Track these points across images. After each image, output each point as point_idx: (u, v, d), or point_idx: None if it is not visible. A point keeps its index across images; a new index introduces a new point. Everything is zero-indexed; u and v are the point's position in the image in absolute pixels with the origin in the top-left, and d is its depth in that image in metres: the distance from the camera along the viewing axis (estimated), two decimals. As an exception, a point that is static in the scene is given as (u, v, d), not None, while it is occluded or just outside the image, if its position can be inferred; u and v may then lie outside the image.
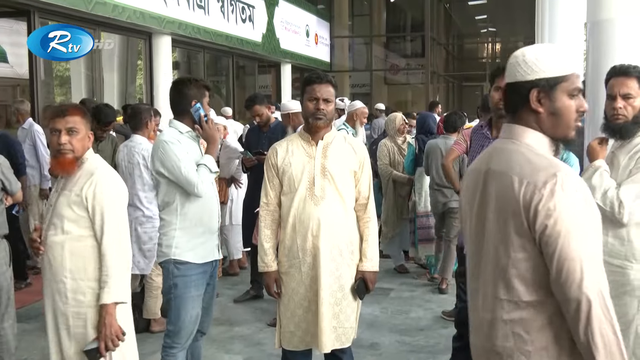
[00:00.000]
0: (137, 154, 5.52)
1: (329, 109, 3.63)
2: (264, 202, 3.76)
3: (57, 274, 3.17)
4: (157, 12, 10.56)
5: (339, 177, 3.63)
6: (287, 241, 3.68)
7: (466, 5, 32.69)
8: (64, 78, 13.50)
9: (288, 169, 3.66)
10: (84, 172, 3.21)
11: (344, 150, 3.69)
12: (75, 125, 3.19)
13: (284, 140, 3.83)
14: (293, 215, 3.63)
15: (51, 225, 3.21)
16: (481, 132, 4.04)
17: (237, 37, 13.75)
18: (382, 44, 26.83)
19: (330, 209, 3.61)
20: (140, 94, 13.47)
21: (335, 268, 3.62)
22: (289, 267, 3.68)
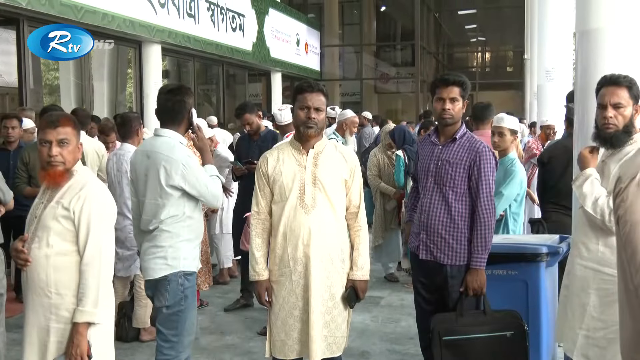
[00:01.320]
0: (126, 162, 5.49)
1: (320, 118, 3.63)
2: (255, 211, 3.74)
3: (42, 288, 3.08)
4: (147, 21, 10.56)
5: (330, 185, 3.63)
6: (277, 250, 3.67)
7: (456, 15, 32.89)
8: (53, 87, 13.46)
9: (279, 178, 3.65)
10: (73, 185, 3.12)
11: (335, 159, 3.69)
12: (67, 136, 3.11)
13: (274, 149, 3.82)
14: (284, 223, 3.62)
15: (35, 238, 3.11)
16: (429, 139, 4.09)
17: (227, 46, 13.77)
18: (372, 52, 26.93)
19: (321, 217, 3.61)
20: (130, 103, 13.44)
21: (326, 277, 3.62)
22: (279, 276, 3.66)
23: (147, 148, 3.90)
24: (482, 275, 3.81)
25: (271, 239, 3.74)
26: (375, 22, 27.79)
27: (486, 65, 34.97)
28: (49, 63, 13.02)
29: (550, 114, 9.84)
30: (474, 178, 3.83)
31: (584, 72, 4.41)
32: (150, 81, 11.49)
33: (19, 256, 3.12)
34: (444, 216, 3.90)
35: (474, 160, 3.84)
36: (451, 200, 3.87)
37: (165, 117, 3.89)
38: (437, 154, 3.96)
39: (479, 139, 3.99)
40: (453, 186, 3.87)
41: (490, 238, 3.83)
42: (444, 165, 3.90)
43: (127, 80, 13.93)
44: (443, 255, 3.91)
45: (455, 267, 3.88)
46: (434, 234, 3.93)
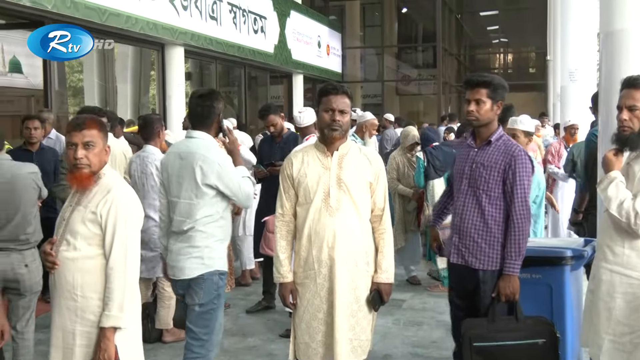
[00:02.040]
0: (150, 164, 5.54)
1: (344, 120, 3.63)
2: (280, 213, 3.76)
3: (68, 291, 3.10)
4: (170, 23, 10.62)
5: (355, 188, 3.63)
6: (302, 252, 3.67)
7: (478, 16, 32.72)
8: (77, 88, 13.59)
9: (303, 180, 3.66)
10: (101, 188, 3.14)
11: (360, 162, 3.69)
12: (92, 139, 3.12)
13: (299, 151, 3.83)
14: (308, 226, 3.63)
15: (63, 241, 3.13)
16: (465, 142, 4.06)
17: (249, 48, 13.80)
18: (393, 54, 26.88)
19: (346, 220, 3.61)
20: (153, 105, 13.52)
21: (351, 279, 3.61)
22: (304, 278, 3.67)
23: (181, 149, 4.01)
24: (515, 282, 3.75)
25: (295, 242, 3.75)
26: (397, 23, 27.73)
27: (508, 66, 34.79)
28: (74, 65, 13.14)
29: (574, 116, 9.74)
30: (509, 182, 3.77)
31: (608, 74, 4.37)
32: (173, 83, 11.55)
33: (47, 259, 3.14)
34: (477, 220, 3.85)
35: (509, 164, 3.77)
36: (485, 203, 3.82)
37: (196, 121, 4.03)
38: (472, 157, 3.92)
39: (515, 142, 3.94)
40: (487, 189, 3.82)
41: (524, 244, 3.77)
42: (479, 168, 3.85)
43: (150, 83, 14.03)
44: (475, 260, 3.86)
45: (487, 272, 3.83)
46: (466, 237, 3.89)
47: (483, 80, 3.86)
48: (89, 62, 12.58)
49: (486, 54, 36.59)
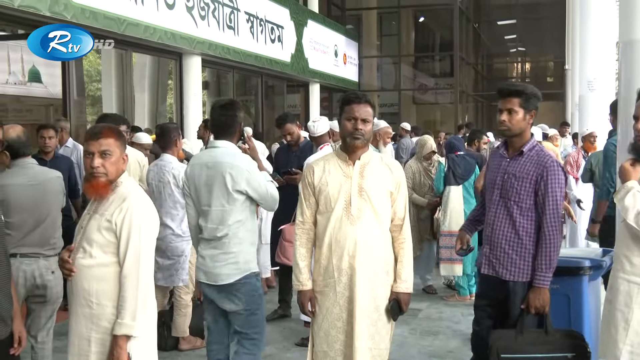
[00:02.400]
0: (167, 173, 5.58)
1: (366, 129, 3.64)
2: (300, 221, 3.77)
3: (85, 298, 3.12)
4: (188, 33, 10.70)
5: (376, 197, 3.64)
6: (322, 260, 3.68)
7: (495, 25, 32.67)
8: (95, 97, 13.70)
9: (325, 188, 3.67)
10: (117, 197, 3.16)
11: (381, 171, 3.70)
12: (109, 147, 3.14)
13: (320, 159, 3.84)
14: (329, 234, 3.64)
15: (80, 249, 3.16)
16: (498, 152, 4.03)
17: (266, 57, 13.86)
18: (410, 63, 26.87)
19: (367, 229, 3.61)
20: (170, 114, 13.60)
21: (371, 288, 3.61)
22: (324, 287, 3.68)
23: (206, 159, 4.11)
24: (545, 294, 3.73)
25: (315, 249, 3.76)
26: (414, 32, 27.74)
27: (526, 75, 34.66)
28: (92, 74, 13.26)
29: (593, 125, 9.69)
30: (541, 193, 3.75)
31: (628, 83, 4.36)
32: (190, 92, 11.63)
33: (65, 266, 3.17)
34: (508, 231, 3.84)
35: (541, 175, 3.75)
36: (516, 214, 3.81)
37: (219, 130, 4.13)
38: (504, 167, 3.90)
39: (548, 153, 3.90)
40: (518, 200, 3.80)
41: (555, 256, 3.74)
42: (510, 179, 3.84)
43: (167, 92, 14.12)
44: (505, 271, 3.84)
45: (518, 283, 3.80)
46: (497, 248, 3.87)
47: (515, 90, 3.85)
48: (107, 71, 12.69)
49: (504, 63, 36.49)
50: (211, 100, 15.94)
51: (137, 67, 12.25)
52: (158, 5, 9.79)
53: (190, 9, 10.75)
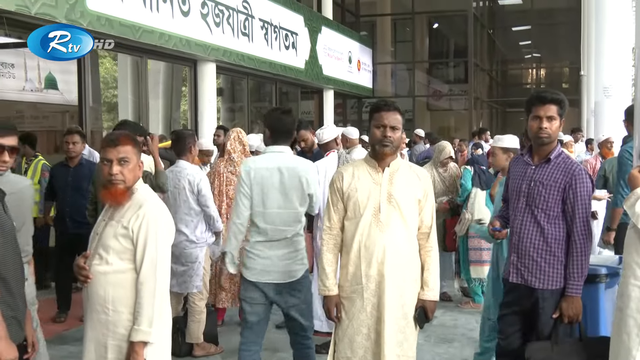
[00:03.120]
0: (182, 179, 5.61)
1: (395, 137, 3.67)
2: (327, 226, 3.80)
3: (100, 305, 3.14)
4: (202, 40, 10.76)
5: (405, 204, 3.67)
6: (350, 266, 3.70)
7: (510, 31, 32.54)
8: (111, 104, 13.80)
9: (354, 194, 3.70)
10: (133, 203, 3.18)
11: (410, 178, 3.74)
12: (127, 155, 3.17)
13: (349, 165, 3.88)
14: (358, 241, 3.67)
15: (96, 255, 3.17)
16: (522, 159, 4.00)
17: (281, 64, 13.91)
18: (424, 70, 26.83)
19: (396, 236, 3.64)
20: (184, 120, 13.66)
21: (400, 295, 3.64)
22: (351, 293, 3.70)
23: (276, 164, 4.23)
24: (578, 303, 3.72)
25: (342, 255, 3.79)
26: (428, 39, 27.71)
27: (541, 81, 34.46)
28: (108, 81, 13.36)
29: (609, 132, 9.63)
30: (569, 202, 3.73)
31: (644, 89, 4.32)
32: (205, 99, 11.69)
33: (81, 272, 3.18)
34: (536, 238, 3.82)
35: (569, 182, 3.74)
36: (543, 222, 3.79)
37: (282, 136, 4.31)
38: (530, 174, 3.88)
39: (575, 160, 3.89)
40: (546, 208, 3.79)
41: (586, 264, 3.73)
42: (537, 187, 3.82)
43: (181, 98, 14.20)
44: (535, 279, 3.82)
45: (547, 291, 3.78)
46: (525, 256, 3.85)
47: (556, 98, 3.83)
48: (122, 78, 12.79)
49: (518, 69, 36.32)
50: (225, 106, 16.00)
51: (152, 73, 12.33)
52: (173, 13, 9.86)
53: (205, 16, 10.82)
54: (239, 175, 4.27)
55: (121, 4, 8.65)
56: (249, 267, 4.25)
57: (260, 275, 4.23)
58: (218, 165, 6.49)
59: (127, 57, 11.79)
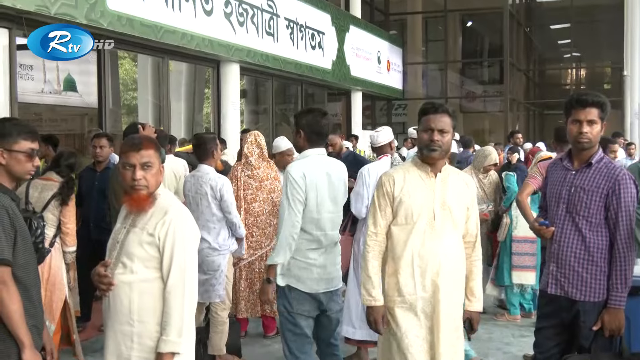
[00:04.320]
0: (204, 184, 5.64)
1: (444, 140, 3.63)
2: (373, 232, 3.74)
3: (124, 316, 3.12)
4: (226, 40, 10.83)
5: (456, 212, 3.67)
6: (401, 276, 3.64)
7: (548, 29, 32.27)
8: (131, 107, 13.95)
9: (406, 200, 3.66)
10: (157, 209, 3.17)
11: (460, 185, 3.73)
12: (150, 159, 3.16)
13: (399, 169, 3.83)
14: (411, 249, 3.62)
15: (119, 264, 3.16)
16: (561, 164, 3.96)
17: (307, 65, 13.95)
18: (457, 70, 26.74)
19: (450, 244, 3.64)
20: (207, 123, 13.76)
21: (452, 306, 3.62)
22: (401, 303, 3.65)
23: (324, 168, 4.30)
24: (621, 315, 3.67)
25: (388, 262, 3.74)
26: (461, 38, 27.61)
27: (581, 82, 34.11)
28: (128, 83, 13.52)
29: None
30: (613, 208, 3.69)
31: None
32: (228, 101, 11.76)
33: (102, 280, 3.16)
34: (577, 247, 3.78)
35: (612, 188, 3.70)
36: (585, 230, 3.76)
37: (319, 139, 4.35)
38: (570, 180, 3.85)
39: (617, 164, 3.85)
40: (587, 215, 3.75)
41: (630, 274, 3.69)
42: (578, 193, 3.79)
43: (204, 100, 14.30)
44: (575, 290, 3.78)
45: (588, 303, 3.75)
46: (565, 266, 3.82)
47: (597, 100, 3.79)
48: (142, 80, 12.93)
49: (557, 69, 36.00)
50: (249, 109, 16.08)
51: (174, 75, 12.44)
52: (195, 12, 9.94)
53: (228, 15, 10.89)
54: (290, 180, 4.17)
55: (142, 3, 8.74)
56: (303, 278, 4.22)
57: (317, 285, 4.24)
58: (235, 170, 6.53)
59: (147, 58, 11.91)
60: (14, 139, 3.16)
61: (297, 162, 4.36)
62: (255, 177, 6.44)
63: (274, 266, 4.20)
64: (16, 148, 3.15)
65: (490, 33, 28.47)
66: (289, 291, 4.22)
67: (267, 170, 6.47)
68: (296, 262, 4.21)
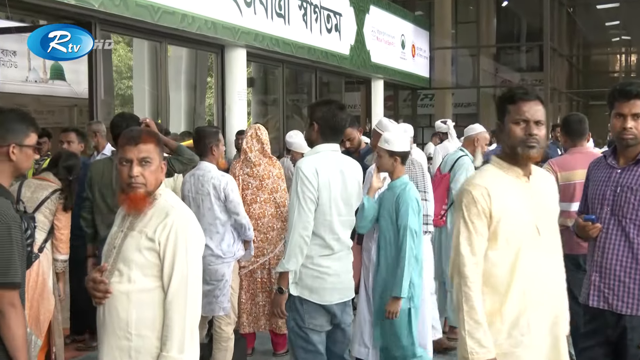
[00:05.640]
0: (206, 184, 5.63)
1: (542, 134, 3.25)
2: (473, 263, 3.22)
3: (121, 329, 3.10)
4: (231, 22, 10.82)
5: (555, 221, 3.40)
6: (508, 311, 3.22)
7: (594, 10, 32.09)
8: (125, 97, 14.01)
9: (507, 215, 3.22)
10: (157, 211, 3.16)
11: (548, 186, 3.45)
12: (149, 154, 3.14)
13: (484, 174, 3.38)
14: (520, 277, 3.21)
15: (115, 271, 3.13)
16: (604, 161, 3.93)
17: (322, 50, 13.93)
18: (491, 55, 26.63)
19: (558, 263, 3.36)
20: (210, 115, 13.78)
21: (566, 342, 3.38)
22: (512, 346, 3.23)
23: (337, 165, 4.30)
24: None
25: (489, 296, 3.27)
26: (496, 19, 27.49)
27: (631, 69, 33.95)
28: (122, 71, 13.57)
29: None
30: None
31: None
32: (234, 91, 11.74)
33: (98, 287, 3.13)
34: (623, 255, 3.73)
35: None
36: (633, 235, 3.71)
37: (334, 134, 4.36)
38: (615, 179, 3.81)
39: None
40: (635, 218, 3.70)
41: None
42: (625, 193, 3.74)
43: (207, 90, 14.31)
44: (621, 303, 3.72)
45: (636, 317, 3.69)
46: (610, 276, 3.77)
47: None
48: (138, 67, 12.96)
49: (604, 55, 35.83)
50: (257, 99, 16.08)
51: (173, 61, 12.45)
52: (197, -9, 9.95)
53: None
54: (301, 177, 4.14)
55: (137, -19, 8.77)
56: (316, 288, 4.21)
57: (331, 295, 4.25)
58: (234, 167, 6.50)
59: (143, 43, 11.94)
60: (24, 132, 3.19)
61: (308, 157, 4.34)
62: (255, 176, 6.39)
63: (285, 274, 4.18)
64: (27, 142, 3.19)
65: (528, 14, 28.35)
66: (301, 304, 4.21)
67: (268, 167, 6.41)
68: (308, 270, 4.20)
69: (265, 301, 6.42)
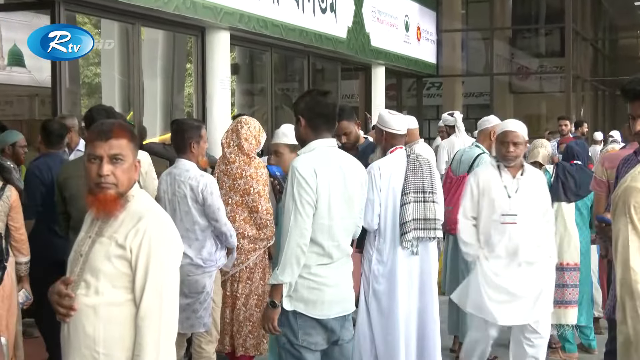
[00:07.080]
0: (183, 184, 5.61)
1: None
2: None
3: (87, 347, 3.09)
4: (213, 1, 10.81)
5: None
6: None
7: (622, -12, 32.20)
8: (93, 86, 13.96)
9: None
10: (130, 215, 3.14)
11: None
12: (121, 151, 3.13)
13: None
14: None
15: (81, 282, 3.12)
16: (635, 159, 3.94)
17: (315, 32, 13.92)
18: (506, 39, 26.66)
19: None
20: (189, 107, 13.75)
21: None
22: None
23: (336, 163, 4.32)
24: None
25: None
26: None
27: (663, 55, 34.03)
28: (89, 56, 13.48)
29: None
30: None
31: None
32: (216, 78, 11.70)
33: (63, 303, 3.11)
34: None
35: None
36: None
37: (323, 125, 4.37)
38: None
39: None
40: None
41: None
42: None
43: (185, 78, 14.30)
44: None
45: None
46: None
47: None
48: (107, 53, 12.90)
49: (633, 38, 35.90)
50: (242, 88, 16.07)
51: (147, 45, 12.41)
52: (174, -34, 9.93)
53: (215, -30, 10.87)
54: (297, 178, 4.14)
55: (107, -46, 8.75)
56: (313, 300, 4.23)
57: (329, 308, 4.27)
58: (218, 164, 6.47)
59: (113, 25, 11.88)
60: None
61: (304, 155, 4.32)
62: (229, 174, 6.23)
63: (279, 286, 4.18)
64: None
65: (548, -8, 28.41)
66: (295, 318, 4.21)
67: (243, 166, 6.19)
68: (304, 281, 4.20)
69: (230, 318, 6.24)
